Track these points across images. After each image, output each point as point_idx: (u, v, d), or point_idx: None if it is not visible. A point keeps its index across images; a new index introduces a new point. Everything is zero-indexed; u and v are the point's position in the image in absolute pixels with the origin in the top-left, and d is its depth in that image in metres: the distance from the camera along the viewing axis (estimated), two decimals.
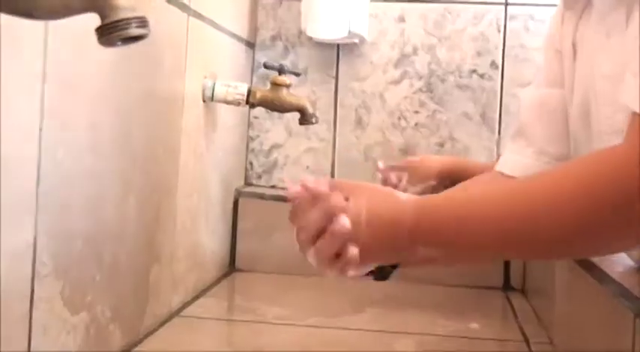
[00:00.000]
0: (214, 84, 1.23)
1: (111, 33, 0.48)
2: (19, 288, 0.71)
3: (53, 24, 0.70)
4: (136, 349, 0.98)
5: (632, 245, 0.73)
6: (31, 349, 0.73)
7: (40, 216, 0.73)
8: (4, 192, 0.67)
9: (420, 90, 1.58)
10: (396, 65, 1.58)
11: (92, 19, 0.54)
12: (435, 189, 1.30)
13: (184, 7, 1.11)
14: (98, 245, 0.87)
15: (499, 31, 1.56)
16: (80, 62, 0.79)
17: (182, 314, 1.16)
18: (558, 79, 0.99)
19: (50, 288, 0.76)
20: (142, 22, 0.48)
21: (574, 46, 0.94)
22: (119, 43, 0.49)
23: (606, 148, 0.68)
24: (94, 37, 0.53)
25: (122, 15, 0.48)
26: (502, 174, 1.02)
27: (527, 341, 1.11)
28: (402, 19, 1.58)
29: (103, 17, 0.48)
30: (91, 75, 0.82)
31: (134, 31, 0.48)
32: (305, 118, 1.29)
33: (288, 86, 1.28)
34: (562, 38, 0.97)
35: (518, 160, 1.01)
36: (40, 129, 0.72)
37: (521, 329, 1.18)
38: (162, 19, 1.03)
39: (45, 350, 0.75)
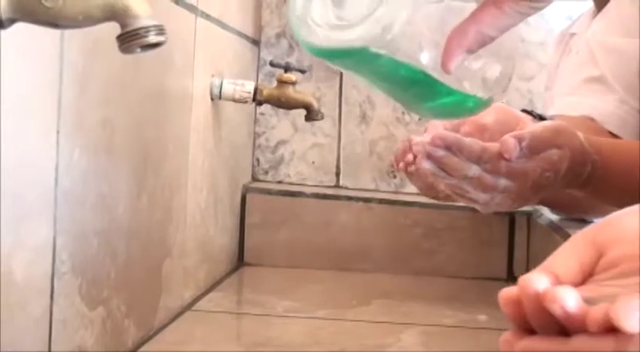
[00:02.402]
0: (222, 82, 1.26)
1: (131, 41, 0.50)
2: (40, 285, 0.73)
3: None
4: (150, 342, 1.01)
5: None
6: (52, 342, 0.76)
7: (59, 214, 0.75)
8: (26, 192, 0.69)
9: None
10: None
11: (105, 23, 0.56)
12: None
13: (192, 8, 1.13)
14: (113, 242, 0.89)
15: None
16: (94, 65, 0.81)
17: (194, 308, 1.18)
18: (633, 29, 0.98)
19: (69, 285, 0.79)
20: (160, 30, 0.51)
21: None
22: (138, 49, 0.51)
23: None
24: (106, 40, 0.55)
25: (141, 24, 0.50)
26: (590, 119, 0.99)
27: None
28: None
29: (123, 26, 0.51)
30: (104, 77, 0.85)
31: (153, 38, 0.50)
32: (311, 115, 1.31)
33: (294, 83, 1.30)
34: None
35: (603, 107, 0.99)
36: (58, 132, 0.75)
37: None
38: (171, 20, 1.05)
39: (64, 344, 0.78)
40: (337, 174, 1.63)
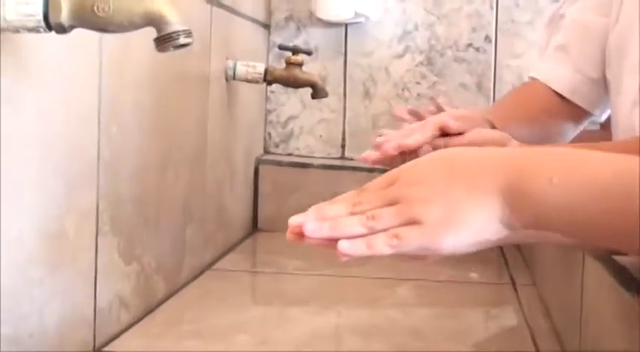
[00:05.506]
0: (235, 64, 1.39)
1: (166, 42, 0.64)
2: (86, 242, 0.87)
3: None
4: (177, 295, 1.15)
5: None
6: (97, 292, 0.90)
7: (101, 183, 0.89)
8: (74, 163, 0.83)
9: (421, 63, 1.73)
10: (399, 41, 1.73)
11: None
12: None
13: None
14: (144, 208, 1.03)
15: (492, 7, 1.70)
16: (127, 53, 0.95)
17: (213, 268, 1.32)
18: (605, 9, 1.06)
19: (109, 242, 0.92)
20: (188, 34, 0.64)
21: None
22: (172, 49, 0.65)
23: None
24: (138, 33, 0.68)
25: (173, 28, 0.63)
26: (540, 82, 1.11)
27: (514, 283, 1.28)
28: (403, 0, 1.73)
29: (158, 30, 0.64)
30: (136, 63, 0.98)
31: (183, 40, 0.64)
32: (316, 93, 1.44)
33: (301, 65, 1.43)
34: None
35: (560, 73, 1.10)
36: (99, 111, 0.88)
37: (510, 274, 1.34)
38: (191, 11, 1.18)
39: (106, 293, 0.92)
40: (343, 147, 1.77)
